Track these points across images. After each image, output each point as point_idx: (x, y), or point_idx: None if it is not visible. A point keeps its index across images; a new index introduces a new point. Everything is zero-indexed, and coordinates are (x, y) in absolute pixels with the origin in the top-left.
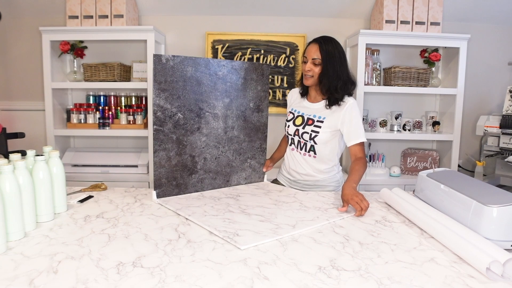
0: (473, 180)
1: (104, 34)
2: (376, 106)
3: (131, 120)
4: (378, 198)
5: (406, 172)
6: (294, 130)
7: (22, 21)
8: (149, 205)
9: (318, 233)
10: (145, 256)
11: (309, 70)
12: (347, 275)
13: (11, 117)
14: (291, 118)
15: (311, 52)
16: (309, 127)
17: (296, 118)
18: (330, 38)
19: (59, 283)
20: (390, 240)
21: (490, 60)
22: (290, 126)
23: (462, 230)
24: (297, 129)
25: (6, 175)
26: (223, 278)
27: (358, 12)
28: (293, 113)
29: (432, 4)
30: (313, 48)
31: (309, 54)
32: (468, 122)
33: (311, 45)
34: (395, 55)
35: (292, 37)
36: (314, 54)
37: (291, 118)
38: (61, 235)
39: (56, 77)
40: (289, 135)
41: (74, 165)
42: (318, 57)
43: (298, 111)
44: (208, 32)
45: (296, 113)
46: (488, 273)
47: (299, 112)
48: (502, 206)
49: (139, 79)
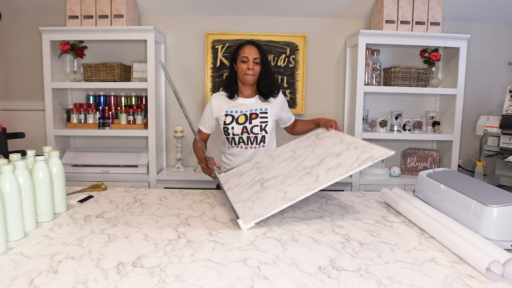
0: (473, 180)
1: (104, 34)
2: (376, 106)
3: (131, 120)
4: (378, 198)
5: (406, 172)
6: (241, 129)
7: (22, 21)
8: (149, 205)
9: (318, 233)
10: (145, 256)
11: (252, 69)
12: (347, 275)
13: (11, 117)
14: (231, 120)
15: (252, 52)
16: (255, 120)
17: (237, 117)
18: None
19: (59, 283)
20: (390, 240)
21: (490, 60)
22: (235, 126)
23: (462, 230)
24: (244, 126)
25: (6, 175)
26: (223, 278)
27: (358, 12)
28: (232, 115)
29: (432, 4)
30: (253, 49)
31: (251, 54)
32: (468, 122)
33: (249, 46)
34: (395, 55)
35: (292, 37)
36: (255, 54)
37: (231, 120)
38: (61, 235)
39: (56, 77)
40: (235, 136)
41: (74, 165)
42: (258, 57)
43: (236, 110)
44: (208, 32)
45: (235, 113)
46: (488, 273)
47: (237, 111)
48: (502, 206)
49: (139, 79)
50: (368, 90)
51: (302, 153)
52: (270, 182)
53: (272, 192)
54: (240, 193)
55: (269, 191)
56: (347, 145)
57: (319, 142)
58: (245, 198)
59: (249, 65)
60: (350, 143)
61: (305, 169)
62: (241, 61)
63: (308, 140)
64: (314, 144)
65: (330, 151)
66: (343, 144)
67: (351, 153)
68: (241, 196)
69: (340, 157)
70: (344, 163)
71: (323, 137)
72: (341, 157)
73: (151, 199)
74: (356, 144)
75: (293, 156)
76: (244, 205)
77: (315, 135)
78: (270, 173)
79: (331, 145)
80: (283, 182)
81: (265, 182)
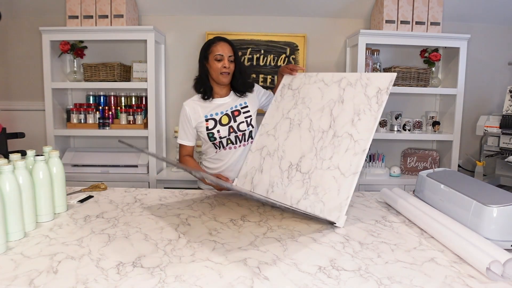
0: (473, 180)
1: (104, 34)
2: None
3: (131, 120)
4: (378, 198)
5: (406, 172)
6: (228, 129)
7: (22, 21)
8: (149, 205)
9: (318, 233)
10: (145, 256)
11: (228, 67)
12: (347, 275)
13: (11, 117)
14: (214, 124)
15: (226, 50)
16: (239, 117)
17: (220, 119)
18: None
19: (59, 283)
20: (390, 240)
21: (490, 60)
22: (220, 129)
23: (462, 230)
24: (230, 126)
25: (6, 175)
26: (223, 278)
27: (358, 12)
28: (213, 118)
29: (432, 4)
30: (226, 46)
31: (225, 51)
32: (468, 122)
33: (222, 43)
34: (395, 55)
35: (292, 37)
36: (229, 52)
37: (214, 124)
38: (61, 235)
39: (56, 77)
40: (223, 139)
41: (74, 165)
42: (232, 54)
43: (216, 113)
44: (208, 32)
45: (216, 115)
46: (488, 273)
47: (217, 113)
48: (502, 206)
49: (139, 79)
50: None
51: (299, 115)
52: (306, 164)
53: (325, 174)
54: (286, 193)
55: (319, 174)
56: (337, 85)
57: (303, 95)
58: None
59: (224, 63)
60: (338, 81)
61: (325, 132)
62: (215, 59)
63: (287, 97)
64: (298, 98)
65: (328, 99)
66: (333, 86)
67: (353, 92)
68: (294, 194)
69: (347, 104)
70: (359, 107)
71: (300, 86)
72: (348, 103)
73: (151, 199)
74: (345, 80)
75: (295, 123)
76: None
77: (288, 88)
78: (293, 154)
79: (319, 92)
80: (320, 157)
81: (299, 166)
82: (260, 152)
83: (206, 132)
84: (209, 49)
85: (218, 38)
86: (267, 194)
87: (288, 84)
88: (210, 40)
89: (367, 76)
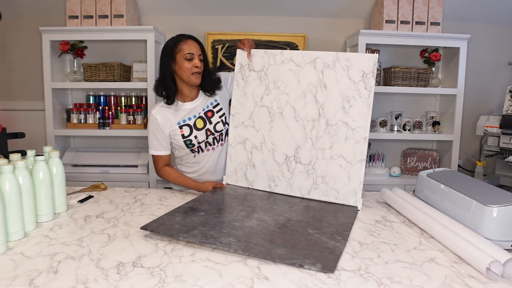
0: (473, 180)
1: (104, 34)
2: (376, 106)
3: (131, 120)
4: (378, 198)
5: (406, 172)
6: (205, 133)
7: (22, 21)
8: (149, 205)
9: None
10: (145, 256)
11: (199, 66)
12: (347, 275)
13: (11, 117)
14: (190, 130)
15: (195, 49)
16: (214, 118)
17: (195, 124)
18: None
19: (59, 283)
20: (390, 240)
21: (490, 60)
22: (197, 134)
23: (462, 230)
24: (207, 129)
25: (6, 175)
26: (223, 278)
27: (358, 12)
28: (187, 124)
29: (432, 4)
30: (195, 44)
31: (196, 50)
32: (468, 122)
33: (191, 41)
34: (395, 55)
35: (292, 37)
36: (199, 50)
37: (190, 130)
38: (61, 235)
39: (56, 77)
40: (201, 143)
41: (74, 165)
42: (201, 53)
43: (189, 117)
44: (208, 32)
45: (189, 120)
46: (488, 273)
47: (190, 118)
48: (502, 206)
49: (139, 79)
50: None
51: (278, 103)
52: (304, 155)
53: (329, 163)
54: (292, 185)
55: (323, 164)
56: (312, 66)
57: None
58: (309, 186)
59: (195, 62)
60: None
61: (316, 121)
62: (185, 58)
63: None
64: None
65: (307, 84)
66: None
67: (334, 76)
68: (303, 185)
69: (331, 89)
70: (347, 93)
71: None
72: (332, 88)
73: (151, 199)
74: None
75: (275, 112)
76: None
77: (250, 70)
78: (286, 146)
79: (293, 75)
80: (318, 147)
81: (297, 158)
82: (244, 146)
83: (182, 140)
84: (176, 48)
85: (184, 35)
86: (271, 189)
87: (248, 65)
88: (176, 38)
89: (346, 56)
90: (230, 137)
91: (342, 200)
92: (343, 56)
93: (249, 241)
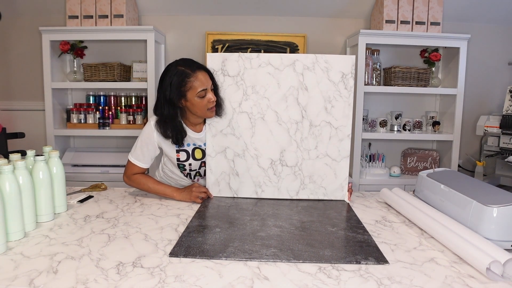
0: (473, 180)
1: (104, 34)
2: (376, 106)
3: (131, 120)
4: (378, 198)
5: (406, 172)
6: (199, 164)
7: (22, 21)
8: (149, 205)
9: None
10: (145, 256)
11: (214, 100)
12: (347, 275)
13: (11, 117)
14: (187, 157)
15: (207, 81)
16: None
17: (193, 153)
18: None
19: (59, 283)
20: (390, 240)
21: (490, 60)
22: (192, 163)
23: (462, 230)
24: (202, 161)
25: (6, 175)
26: (223, 278)
27: (358, 12)
28: (185, 150)
29: (432, 4)
30: (205, 75)
31: (207, 83)
32: (468, 122)
33: (201, 74)
34: (395, 55)
35: (292, 37)
36: (209, 80)
37: (187, 157)
38: (61, 235)
39: (56, 77)
40: (192, 171)
41: (74, 165)
42: (211, 82)
43: (187, 144)
44: (208, 32)
45: (187, 146)
46: (488, 273)
47: (189, 144)
48: (502, 206)
49: (139, 79)
50: (368, 90)
51: (258, 108)
52: (290, 157)
53: (316, 163)
54: (280, 189)
55: (310, 164)
56: (292, 69)
57: (250, 83)
58: (297, 187)
59: (210, 97)
60: (290, 64)
61: (299, 123)
62: (199, 96)
63: (228, 86)
64: (245, 87)
65: (287, 87)
66: (286, 70)
67: (315, 78)
68: (291, 187)
69: (312, 91)
70: (328, 94)
71: (242, 72)
72: (313, 90)
73: (151, 199)
74: (300, 63)
75: (256, 117)
76: (311, 191)
77: (224, 75)
78: (270, 150)
79: (273, 79)
80: (304, 148)
81: (283, 161)
82: (224, 155)
83: (176, 162)
84: (185, 85)
85: (192, 66)
86: (257, 195)
87: (221, 69)
88: (182, 72)
89: (324, 58)
90: (209, 147)
91: (330, 196)
92: (322, 58)
93: (291, 248)
